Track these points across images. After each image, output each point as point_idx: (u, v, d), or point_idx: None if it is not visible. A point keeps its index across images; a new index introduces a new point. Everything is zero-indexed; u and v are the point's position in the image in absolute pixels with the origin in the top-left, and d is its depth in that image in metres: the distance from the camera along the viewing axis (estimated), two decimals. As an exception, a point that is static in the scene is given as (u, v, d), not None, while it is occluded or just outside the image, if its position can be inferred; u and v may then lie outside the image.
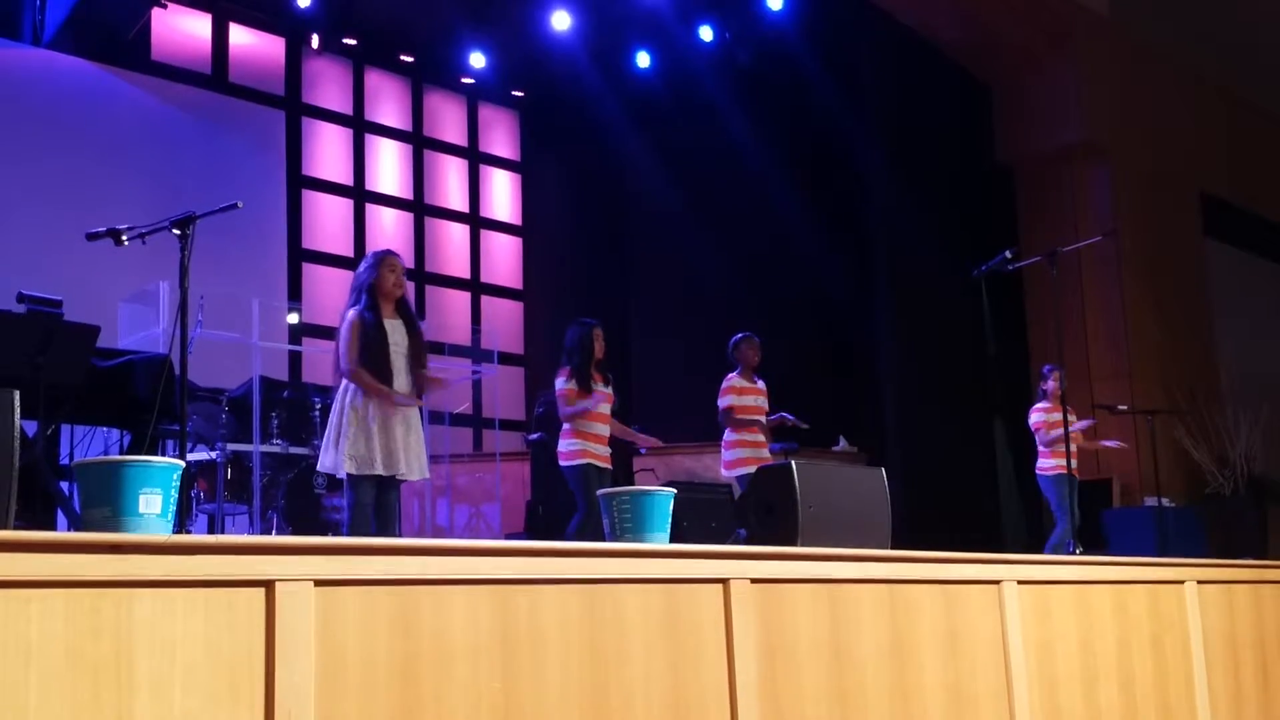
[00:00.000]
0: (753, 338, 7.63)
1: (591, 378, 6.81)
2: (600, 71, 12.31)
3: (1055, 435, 8.08)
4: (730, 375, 7.59)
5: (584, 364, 6.79)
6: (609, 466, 6.88)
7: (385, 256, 5.67)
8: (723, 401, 7.53)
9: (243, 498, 7.70)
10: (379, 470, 5.42)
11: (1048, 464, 8.18)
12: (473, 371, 11.63)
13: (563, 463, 6.88)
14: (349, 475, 5.42)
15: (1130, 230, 11.31)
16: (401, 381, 5.53)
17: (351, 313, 5.56)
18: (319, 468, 5.70)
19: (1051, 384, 8.25)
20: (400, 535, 9.09)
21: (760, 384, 7.68)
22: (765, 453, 7.48)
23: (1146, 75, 12.09)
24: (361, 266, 5.72)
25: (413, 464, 5.52)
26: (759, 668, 3.34)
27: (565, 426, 6.85)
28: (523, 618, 2.86)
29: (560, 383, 6.84)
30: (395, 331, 5.57)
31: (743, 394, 7.53)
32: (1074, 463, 7.68)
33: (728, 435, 7.53)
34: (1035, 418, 8.31)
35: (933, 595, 3.95)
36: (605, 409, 6.88)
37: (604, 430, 6.86)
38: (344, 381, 5.53)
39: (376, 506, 5.51)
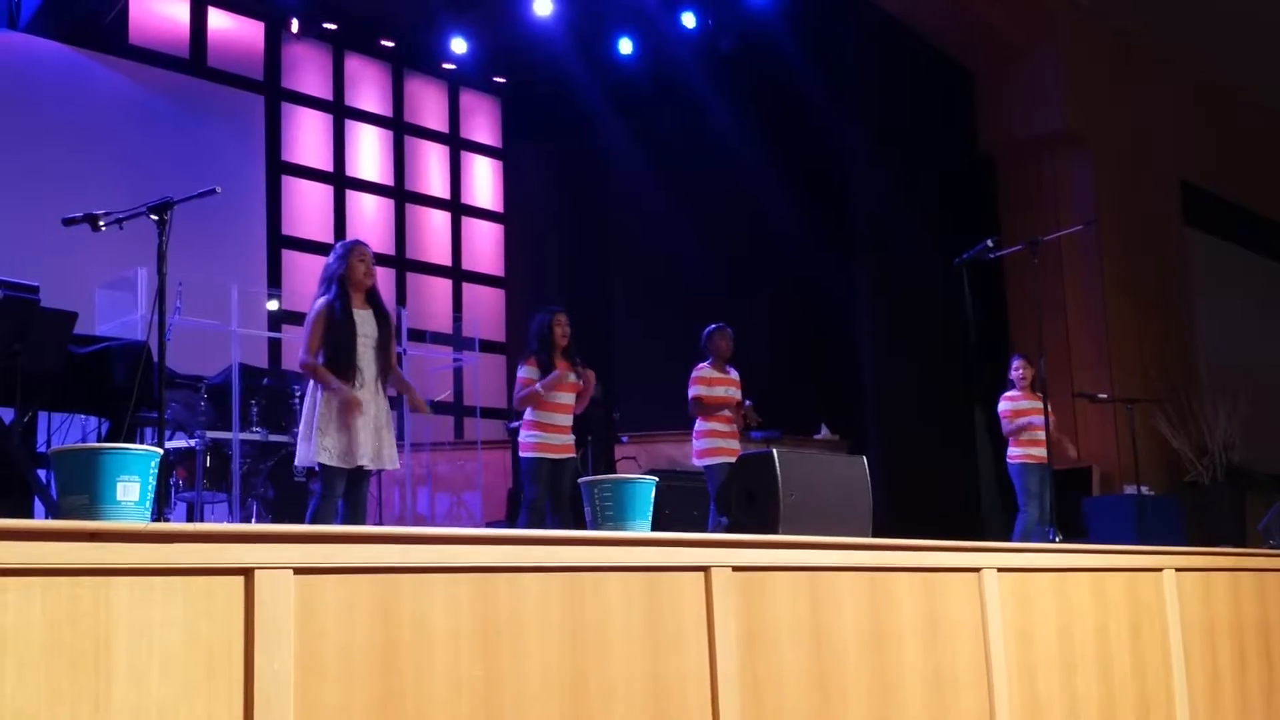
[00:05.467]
0: (725, 328, 7.64)
1: (555, 366, 6.74)
2: (582, 58, 12.27)
3: (1019, 424, 8.17)
4: (700, 365, 7.60)
5: (545, 351, 6.75)
6: (572, 456, 6.82)
7: (355, 246, 5.69)
8: (690, 391, 7.55)
9: (222, 486, 7.66)
10: (355, 462, 5.42)
11: (1015, 452, 8.25)
12: (454, 359, 11.60)
13: (519, 453, 6.91)
14: (323, 466, 5.42)
15: (1111, 219, 11.35)
16: (369, 372, 5.52)
17: (320, 301, 5.57)
18: (296, 462, 5.68)
19: (1017, 373, 8.33)
20: (380, 523, 9.08)
21: (733, 374, 7.67)
22: (735, 443, 7.47)
23: (1128, 65, 12.13)
24: (331, 257, 5.71)
25: (384, 455, 5.53)
26: (740, 655, 3.34)
27: (525, 416, 6.81)
28: (504, 605, 2.85)
29: (521, 371, 6.81)
30: (365, 322, 5.58)
31: (712, 384, 7.54)
32: (1040, 450, 7.75)
33: (698, 424, 7.55)
34: (1001, 406, 8.37)
35: (913, 583, 3.96)
36: (567, 398, 6.81)
37: (565, 420, 6.79)
38: None
39: (347, 497, 5.51)
